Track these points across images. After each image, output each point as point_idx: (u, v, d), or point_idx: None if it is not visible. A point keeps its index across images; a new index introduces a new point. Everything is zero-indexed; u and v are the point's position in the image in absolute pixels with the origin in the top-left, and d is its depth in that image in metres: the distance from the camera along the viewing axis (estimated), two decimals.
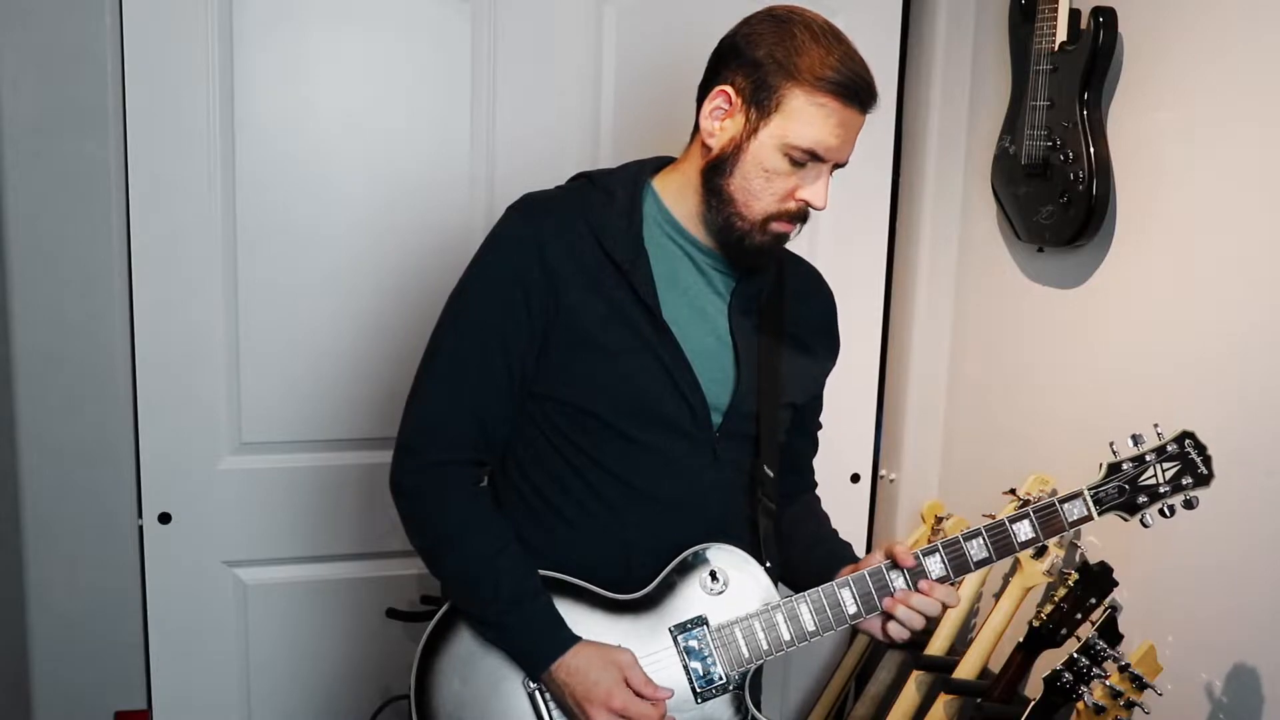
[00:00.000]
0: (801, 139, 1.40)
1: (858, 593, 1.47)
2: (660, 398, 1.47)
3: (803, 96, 1.39)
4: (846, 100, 1.39)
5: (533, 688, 1.46)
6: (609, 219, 1.48)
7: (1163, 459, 1.49)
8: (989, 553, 1.48)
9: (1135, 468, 1.49)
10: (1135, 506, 1.49)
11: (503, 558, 1.47)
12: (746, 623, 1.47)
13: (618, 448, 1.48)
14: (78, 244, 2.07)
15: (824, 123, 1.39)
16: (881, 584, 1.47)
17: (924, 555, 1.48)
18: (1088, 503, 1.48)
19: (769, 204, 1.44)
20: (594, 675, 1.42)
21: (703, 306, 1.52)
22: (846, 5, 2.34)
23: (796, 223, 1.47)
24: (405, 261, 2.20)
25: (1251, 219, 1.76)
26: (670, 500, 1.50)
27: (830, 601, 1.47)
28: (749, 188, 1.43)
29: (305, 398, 2.20)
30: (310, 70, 2.11)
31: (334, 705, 2.32)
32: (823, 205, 1.44)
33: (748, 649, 1.47)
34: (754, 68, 1.41)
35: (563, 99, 2.25)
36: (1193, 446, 1.49)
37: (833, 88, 1.38)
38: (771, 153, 1.41)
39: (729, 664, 1.47)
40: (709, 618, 1.47)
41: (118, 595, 2.19)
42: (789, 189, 1.43)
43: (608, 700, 1.41)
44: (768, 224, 1.45)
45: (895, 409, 2.62)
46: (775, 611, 1.47)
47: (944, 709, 2.14)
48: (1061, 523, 1.48)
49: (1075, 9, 2.03)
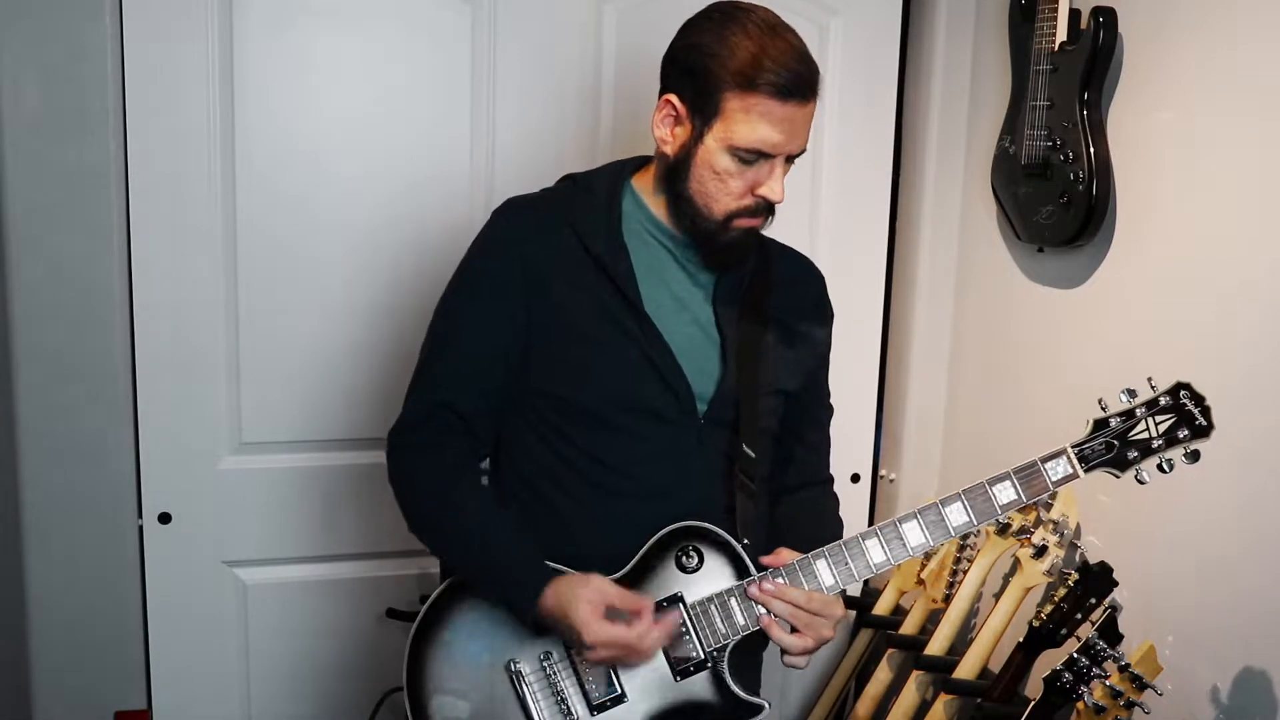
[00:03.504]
0: (745, 140, 1.42)
1: (832, 563, 1.48)
2: (645, 387, 1.51)
3: (739, 100, 1.41)
4: (783, 97, 1.41)
5: (515, 670, 1.49)
6: (589, 216, 1.54)
7: (1155, 412, 1.45)
8: (969, 516, 1.47)
9: (1124, 422, 1.45)
10: (1125, 462, 1.45)
11: (489, 509, 1.53)
12: (721, 599, 1.48)
13: (605, 437, 1.52)
14: (78, 244, 2.07)
15: (763, 122, 1.41)
16: (859, 554, 1.47)
17: (900, 522, 1.47)
18: (1071, 460, 1.45)
19: (728, 203, 1.47)
20: (576, 590, 1.44)
21: (685, 297, 1.56)
22: (846, 5, 2.35)
23: (760, 216, 1.49)
24: (405, 261, 2.20)
25: (1251, 219, 1.76)
26: (657, 486, 1.53)
27: (806, 574, 1.48)
28: (705, 190, 1.47)
29: (305, 398, 2.20)
30: (310, 70, 2.11)
31: (334, 705, 2.32)
32: (779, 198, 1.46)
33: (724, 625, 1.48)
34: (693, 77, 1.45)
35: (562, 99, 2.25)
36: (1189, 397, 1.44)
37: (768, 89, 1.40)
38: (720, 155, 1.44)
39: (705, 641, 1.48)
40: (685, 595, 1.49)
41: (118, 595, 2.19)
42: (745, 186, 1.46)
43: (593, 611, 1.41)
44: (730, 222, 1.48)
45: (895, 409, 2.62)
46: (750, 586, 1.48)
47: (944, 709, 2.14)
48: (1045, 482, 1.45)
49: (1075, 9, 2.03)
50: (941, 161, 2.48)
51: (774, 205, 1.48)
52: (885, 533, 1.48)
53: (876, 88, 2.43)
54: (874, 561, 1.48)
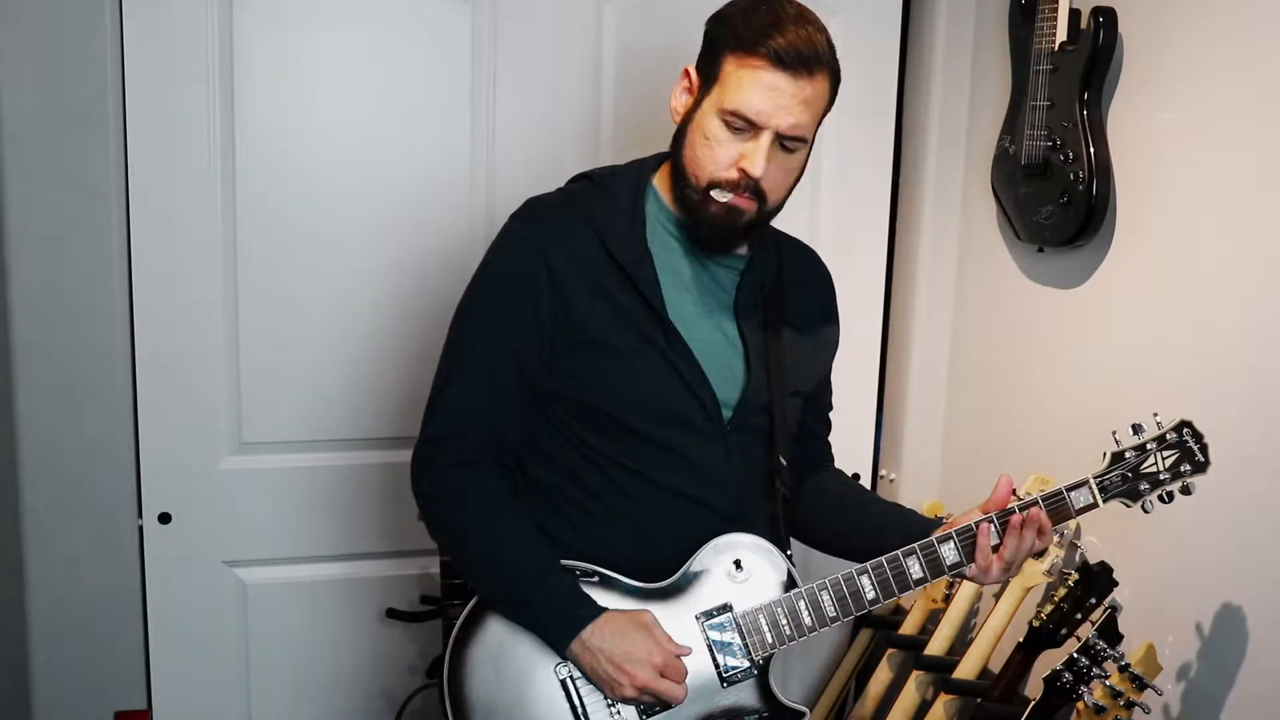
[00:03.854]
0: (732, 102, 1.42)
1: (875, 580, 1.51)
2: (670, 396, 1.50)
3: (735, 61, 1.42)
4: (774, 64, 1.40)
5: (564, 675, 1.48)
6: (612, 221, 1.51)
7: (1163, 447, 1.53)
8: (1000, 538, 1.53)
9: (1137, 456, 1.53)
10: (1138, 494, 1.54)
11: (523, 539, 1.51)
12: (770, 609, 1.51)
13: (632, 445, 1.51)
14: (78, 243, 2.07)
15: (753, 86, 1.40)
16: (899, 571, 1.51)
17: (939, 543, 1.52)
18: (1094, 490, 1.53)
19: (712, 170, 1.45)
20: (630, 636, 1.45)
21: (709, 303, 1.55)
22: (846, 5, 2.35)
23: (740, 194, 1.45)
24: (405, 261, 2.20)
25: (1251, 218, 1.76)
26: (687, 493, 1.53)
27: (850, 589, 1.51)
28: (695, 156, 1.46)
29: (305, 398, 2.20)
30: (310, 70, 2.11)
31: (334, 705, 2.32)
32: (757, 172, 1.42)
33: (771, 635, 1.51)
34: (708, 45, 1.47)
35: (563, 99, 2.25)
36: (1190, 435, 1.54)
37: (762, 50, 1.40)
38: (711, 119, 1.44)
39: (754, 650, 1.51)
40: (734, 605, 1.51)
41: (118, 595, 2.19)
42: (731, 158, 1.44)
43: (650, 658, 1.44)
44: (709, 191, 1.46)
45: (895, 409, 2.62)
46: (798, 599, 1.51)
47: (944, 709, 2.14)
48: (1069, 510, 1.53)
49: (1075, 9, 2.03)
50: (941, 161, 2.48)
51: (760, 188, 1.44)
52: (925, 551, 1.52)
53: (877, 88, 2.43)
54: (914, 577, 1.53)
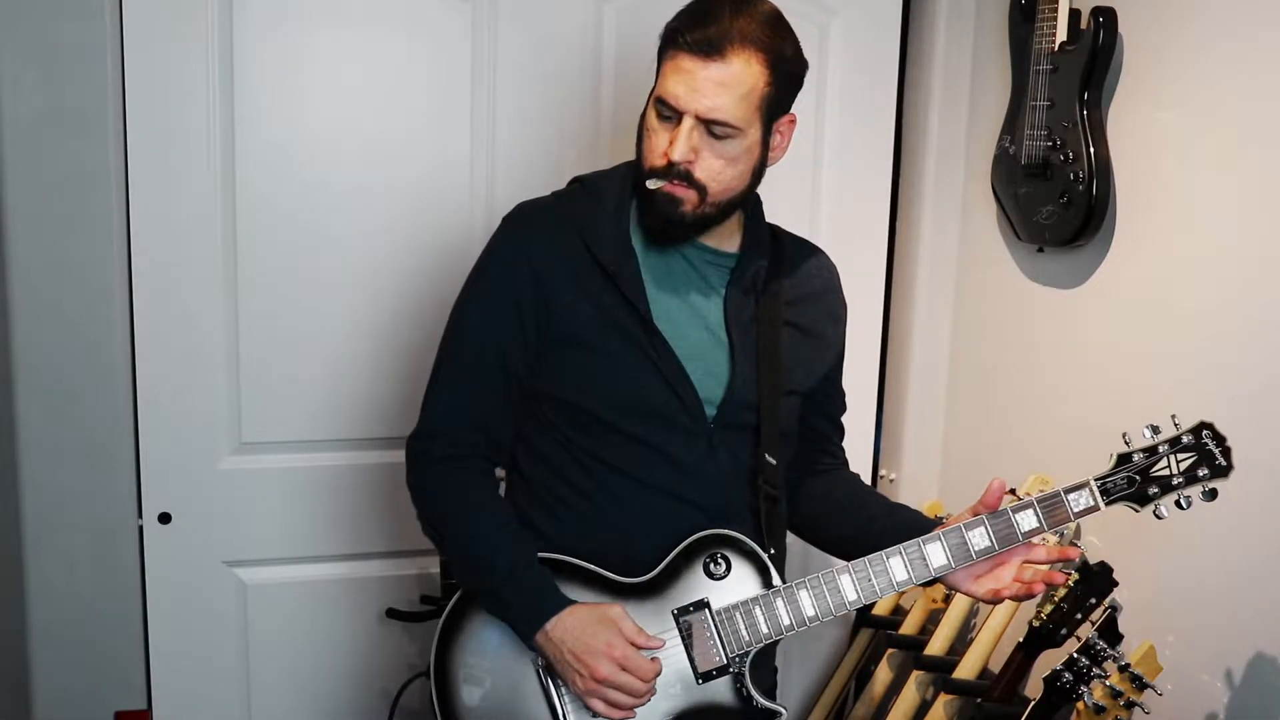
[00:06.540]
0: (659, 91, 1.47)
1: (856, 580, 1.50)
2: (651, 394, 1.52)
3: (665, 55, 1.47)
4: (685, 48, 1.43)
5: (541, 663, 1.50)
6: (596, 222, 1.54)
7: (1177, 450, 1.48)
8: (991, 542, 1.50)
9: (1146, 458, 1.48)
10: (1145, 498, 1.48)
11: (499, 532, 1.54)
12: (747, 607, 1.50)
13: (616, 442, 1.53)
14: (77, 244, 2.07)
15: (671, 72, 1.45)
16: (881, 571, 1.49)
17: (924, 543, 1.50)
18: (1094, 493, 1.48)
19: (649, 159, 1.49)
20: (590, 629, 1.45)
21: (695, 302, 1.56)
22: (846, 5, 2.35)
23: (674, 182, 1.46)
24: (405, 261, 2.20)
25: (1251, 218, 1.76)
26: (671, 490, 1.54)
27: (830, 588, 1.50)
28: (641, 149, 1.51)
29: (305, 398, 2.20)
30: (310, 70, 2.11)
31: (334, 705, 2.32)
32: (675, 155, 1.44)
33: (748, 633, 1.50)
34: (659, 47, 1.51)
35: (563, 99, 2.24)
36: (1210, 437, 1.47)
37: (678, 38, 1.44)
38: (650, 111, 1.49)
39: (729, 647, 1.50)
40: (711, 601, 1.51)
41: (118, 595, 2.19)
42: (663, 145, 1.47)
43: (609, 650, 1.44)
44: (646, 180, 1.48)
45: (895, 409, 2.62)
46: (775, 597, 1.50)
47: (944, 709, 2.14)
48: (1066, 513, 1.49)
49: (1075, 9, 2.03)
50: (941, 161, 2.48)
51: (695, 177, 1.45)
52: (908, 552, 1.51)
53: (876, 88, 2.43)
54: (897, 580, 1.51)
